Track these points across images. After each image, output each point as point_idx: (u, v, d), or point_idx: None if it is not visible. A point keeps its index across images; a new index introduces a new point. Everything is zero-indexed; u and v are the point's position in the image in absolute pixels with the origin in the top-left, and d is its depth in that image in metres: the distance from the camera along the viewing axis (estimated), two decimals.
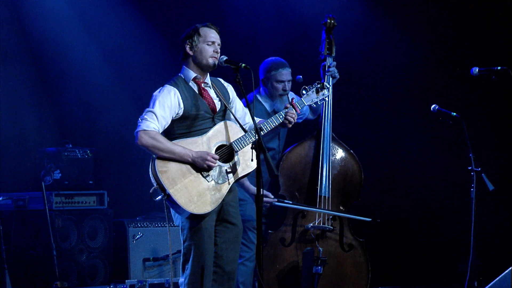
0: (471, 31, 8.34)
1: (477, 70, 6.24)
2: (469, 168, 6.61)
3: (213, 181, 5.07)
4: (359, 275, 6.59)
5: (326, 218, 6.49)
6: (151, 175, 5.05)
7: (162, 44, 8.67)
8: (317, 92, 5.41)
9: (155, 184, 5.01)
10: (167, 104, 5.09)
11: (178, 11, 8.70)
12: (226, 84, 5.39)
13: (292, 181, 6.47)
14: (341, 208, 6.59)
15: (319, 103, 5.46)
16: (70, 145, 8.02)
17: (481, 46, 8.27)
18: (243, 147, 5.15)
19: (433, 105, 6.79)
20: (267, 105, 6.47)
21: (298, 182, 6.49)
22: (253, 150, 5.02)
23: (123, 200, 8.40)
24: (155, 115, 5.06)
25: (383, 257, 8.46)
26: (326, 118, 6.55)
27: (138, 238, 7.87)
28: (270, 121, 5.24)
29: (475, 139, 6.73)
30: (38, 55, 8.50)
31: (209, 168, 5.03)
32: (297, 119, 5.41)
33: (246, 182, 6.28)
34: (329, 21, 6.71)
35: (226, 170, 5.12)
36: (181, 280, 5.16)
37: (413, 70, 8.61)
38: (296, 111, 5.29)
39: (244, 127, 5.23)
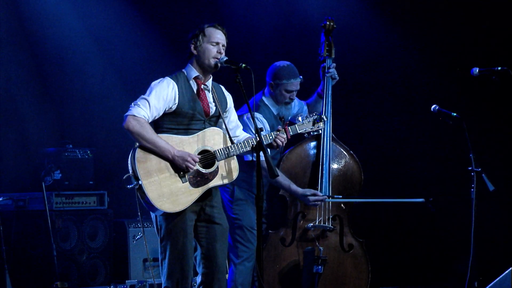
0: (471, 31, 8.34)
1: (477, 70, 6.24)
2: (469, 168, 6.61)
3: (187, 183, 5.05)
4: (359, 275, 6.60)
5: (327, 217, 6.50)
6: (129, 163, 5.03)
7: (163, 44, 8.67)
8: (314, 123, 5.39)
9: (130, 171, 5.01)
10: (163, 96, 5.08)
11: (179, 10, 8.71)
12: (226, 93, 5.38)
13: (293, 181, 6.47)
14: (342, 206, 6.61)
15: (311, 133, 5.46)
16: (71, 146, 8.03)
17: (481, 46, 8.27)
18: (225, 158, 5.13)
19: (434, 106, 6.79)
20: (274, 110, 6.45)
21: (298, 182, 6.50)
22: (254, 150, 5.03)
23: (123, 201, 8.40)
24: (149, 103, 5.05)
25: (383, 257, 8.46)
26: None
27: (138, 238, 7.87)
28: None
29: (476, 140, 6.73)
30: (38, 55, 8.50)
31: (187, 169, 5.02)
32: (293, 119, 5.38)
33: (293, 186, 6.31)
34: (328, 23, 6.73)
35: (203, 175, 5.09)
36: (162, 280, 5.16)
37: (413, 70, 8.62)
38: (287, 136, 5.27)
39: (232, 139, 5.21)
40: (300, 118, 5.39)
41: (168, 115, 5.13)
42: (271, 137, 5.22)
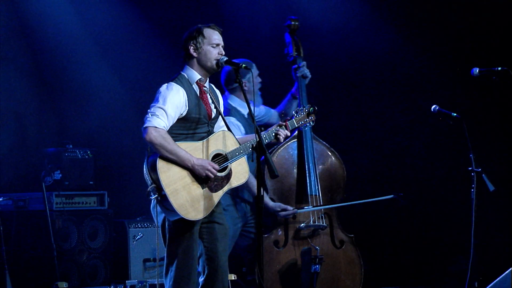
0: (471, 31, 8.34)
1: (477, 70, 6.24)
2: (470, 168, 6.61)
3: (207, 188, 5.06)
4: (353, 271, 6.64)
5: (318, 216, 6.51)
6: (146, 174, 5.02)
7: (163, 44, 8.66)
8: (308, 115, 5.43)
9: (149, 183, 5.00)
10: (176, 103, 5.05)
11: (179, 10, 8.70)
12: (217, 90, 5.37)
13: (280, 183, 6.49)
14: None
15: (307, 125, 5.48)
16: (71, 146, 8.02)
17: (481, 46, 8.27)
18: (238, 159, 5.14)
19: (434, 106, 6.79)
20: (243, 110, 6.45)
21: (285, 183, 6.53)
22: (253, 151, 5.04)
23: (123, 201, 8.40)
24: (166, 113, 5.01)
25: (383, 257, 8.46)
26: None
27: (138, 238, 7.87)
28: (264, 137, 5.21)
29: (476, 140, 6.73)
30: (38, 55, 8.50)
31: (207, 177, 5.03)
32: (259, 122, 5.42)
33: (266, 198, 6.32)
34: (293, 23, 6.78)
35: (219, 179, 5.10)
36: (165, 281, 5.13)
37: (413, 70, 8.62)
38: (287, 130, 5.30)
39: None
40: (294, 112, 5.43)
41: (178, 121, 5.11)
42: (272, 134, 5.25)
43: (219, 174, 5.09)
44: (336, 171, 6.69)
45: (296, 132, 6.57)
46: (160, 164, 4.98)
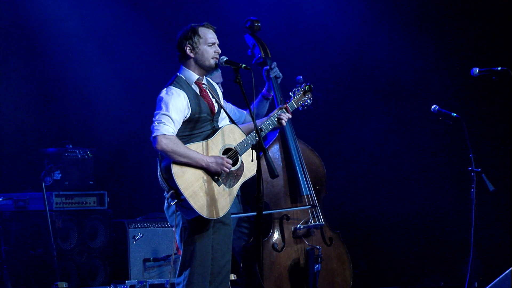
0: (471, 31, 8.35)
1: (477, 70, 6.25)
2: (469, 168, 6.62)
3: (223, 185, 5.08)
4: (343, 266, 6.66)
5: (313, 215, 6.51)
6: (161, 180, 5.03)
7: (163, 44, 8.66)
8: (304, 94, 5.45)
9: (165, 188, 5.00)
10: (179, 108, 5.06)
11: (178, 10, 8.71)
12: (214, 83, 5.39)
13: (271, 186, 6.47)
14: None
15: (305, 106, 5.48)
16: (71, 146, 8.01)
17: (481, 46, 8.27)
18: (247, 150, 5.16)
19: (434, 106, 6.80)
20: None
21: (276, 186, 6.52)
22: (253, 150, 5.04)
23: (123, 201, 8.40)
24: (171, 119, 5.02)
25: (383, 257, 8.47)
26: None
27: (138, 238, 7.86)
28: (267, 123, 5.27)
29: (475, 140, 6.74)
30: (38, 55, 8.50)
31: (223, 173, 5.04)
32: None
33: None
34: (256, 24, 6.73)
35: (233, 174, 5.12)
36: (179, 280, 5.14)
37: (413, 70, 8.62)
38: (288, 113, 5.33)
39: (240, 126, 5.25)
40: (291, 94, 5.45)
41: (182, 123, 5.12)
42: (275, 119, 5.28)
43: (233, 168, 5.11)
44: (318, 169, 6.71)
45: (278, 133, 6.57)
46: (175, 169, 4.98)
